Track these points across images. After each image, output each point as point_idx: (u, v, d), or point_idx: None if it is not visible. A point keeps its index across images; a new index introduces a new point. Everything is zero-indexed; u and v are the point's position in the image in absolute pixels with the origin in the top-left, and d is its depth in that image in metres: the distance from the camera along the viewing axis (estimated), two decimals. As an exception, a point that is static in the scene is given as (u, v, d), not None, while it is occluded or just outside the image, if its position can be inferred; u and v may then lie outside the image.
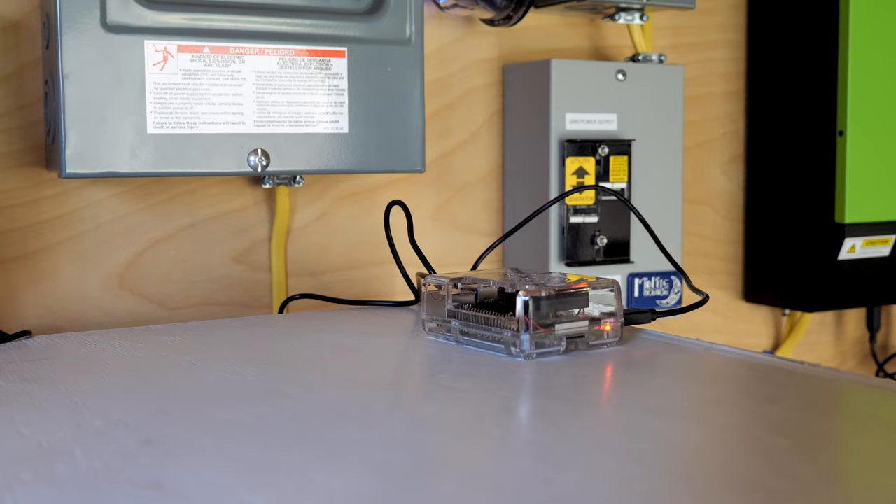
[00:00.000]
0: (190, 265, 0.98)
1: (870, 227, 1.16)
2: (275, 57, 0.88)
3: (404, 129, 0.93)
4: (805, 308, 1.21)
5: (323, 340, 0.76)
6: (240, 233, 1.00)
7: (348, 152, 0.91)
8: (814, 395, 0.58)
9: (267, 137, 0.88)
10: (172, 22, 0.84)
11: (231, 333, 0.78)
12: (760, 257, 1.25)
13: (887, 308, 1.38)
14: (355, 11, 0.92)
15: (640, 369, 0.65)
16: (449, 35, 1.09)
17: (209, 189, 0.99)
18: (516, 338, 0.66)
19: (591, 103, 1.06)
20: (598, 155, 1.05)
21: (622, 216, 1.06)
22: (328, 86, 0.90)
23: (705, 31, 1.24)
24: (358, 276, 1.06)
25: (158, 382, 0.63)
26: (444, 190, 1.09)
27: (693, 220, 1.23)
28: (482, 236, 1.12)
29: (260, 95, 0.88)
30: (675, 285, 1.10)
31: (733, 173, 1.27)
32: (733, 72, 1.26)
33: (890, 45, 1.15)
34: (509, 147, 1.11)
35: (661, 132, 1.10)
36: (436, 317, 0.73)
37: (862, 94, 1.13)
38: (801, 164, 1.18)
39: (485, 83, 1.11)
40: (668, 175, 1.11)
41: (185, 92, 0.85)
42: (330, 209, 1.04)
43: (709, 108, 1.25)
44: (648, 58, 1.10)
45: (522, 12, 1.03)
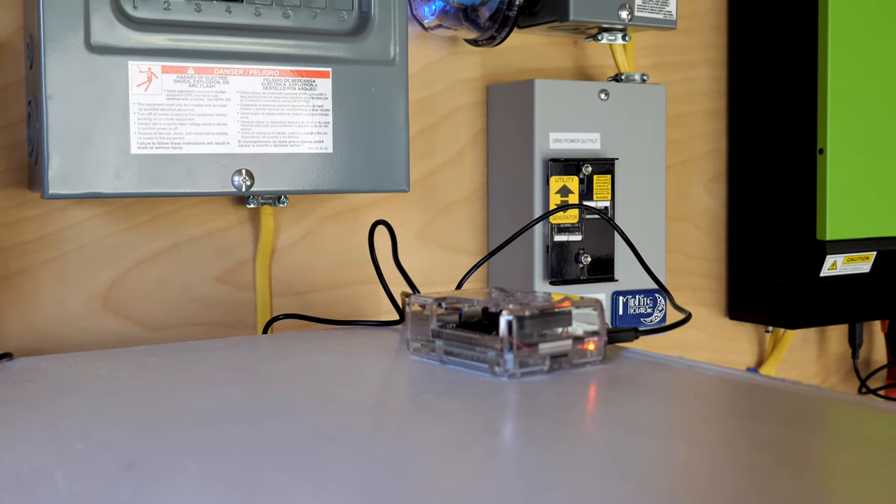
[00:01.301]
0: (173, 285, 0.98)
1: (851, 243, 1.16)
2: (259, 77, 0.89)
3: (389, 148, 0.93)
4: (787, 325, 1.22)
5: (307, 360, 0.75)
6: (224, 253, 1.00)
7: (333, 172, 0.91)
8: (796, 413, 0.58)
9: (251, 157, 0.88)
10: (156, 43, 0.85)
11: (214, 354, 0.78)
12: (743, 274, 1.26)
13: (869, 324, 1.38)
14: (339, 32, 0.92)
15: (623, 388, 0.65)
16: (433, 55, 1.09)
17: (193, 209, 0.99)
18: (500, 357, 0.66)
19: (574, 122, 1.06)
20: (582, 174, 1.05)
21: (606, 234, 1.07)
22: (312, 106, 0.90)
23: (687, 51, 1.24)
24: (343, 295, 1.06)
25: (141, 404, 0.62)
26: (429, 209, 1.10)
27: (676, 237, 1.24)
28: (467, 255, 1.12)
29: (244, 116, 0.88)
30: (658, 303, 1.10)
31: (716, 191, 1.28)
32: (715, 90, 1.27)
33: (869, 63, 1.17)
34: (493, 166, 1.12)
35: (644, 151, 1.10)
36: (420, 336, 0.73)
37: (842, 112, 1.14)
38: (783, 182, 1.19)
39: (469, 103, 1.11)
40: (651, 193, 1.11)
41: (170, 112, 0.85)
42: (315, 228, 1.04)
43: (691, 127, 1.25)
44: (631, 77, 1.11)
45: (506, 33, 1.03)
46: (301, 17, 0.91)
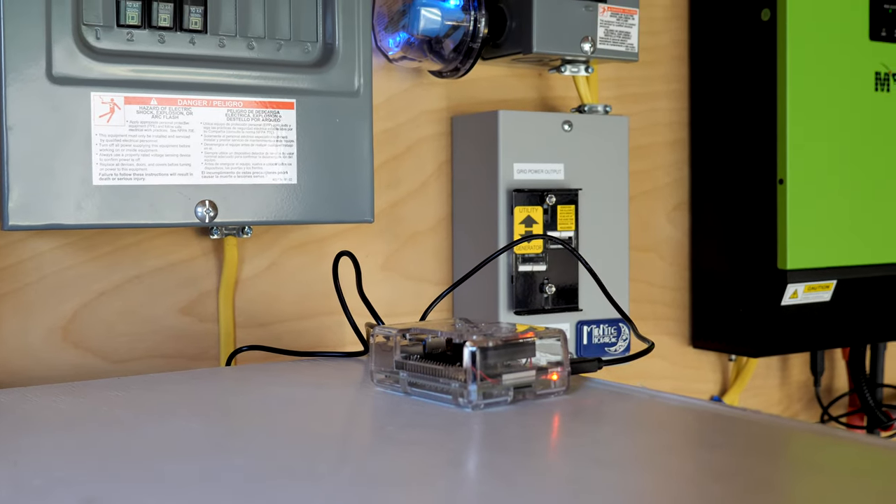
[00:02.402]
0: (136, 317, 0.98)
1: (811, 272, 1.18)
2: (223, 108, 0.89)
3: (353, 179, 0.94)
4: (750, 353, 1.23)
5: (270, 393, 0.75)
6: (187, 284, 1.00)
7: (297, 203, 0.91)
8: (757, 442, 0.59)
9: (215, 189, 0.88)
10: (119, 74, 0.84)
11: (177, 387, 0.78)
12: (706, 303, 1.27)
13: (830, 352, 1.40)
14: (304, 63, 0.93)
15: (586, 418, 0.65)
16: (398, 86, 1.10)
17: (156, 240, 0.98)
18: (464, 388, 0.66)
19: (538, 153, 1.07)
20: (546, 204, 1.06)
21: (570, 265, 1.07)
22: (277, 137, 0.90)
23: (649, 83, 1.26)
24: (308, 326, 1.06)
25: (101, 439, 0.62)
26: (394, 239, 1.10)
27: (640, 267, 1.25)
28: (432, 285, 1.12)
29: (208, 147, 0.88)
30: (623, 332, 1.10)
31: (678, 221, 1.29)
32: (677, 122, 1.28)
33: (827, 94, 1.18)
34: (458, 196, 1.12)
35: (607, 181, 1.11)
36: (384, 368, 0.73)
37: (801, 143, 1.16)
38: (744, 212, 1.20)
39: (434, 133, 1.12)
40: (614, 223, 1.12)
41: (132, 143, 0.85)
42: (279, 259, 1.04)
43: (654, 157, 1.27)
44: (594, 109, 1.12)
45: (470, 64, 1.04)
46: (265, 48, 0.91)
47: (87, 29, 0.84)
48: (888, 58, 1.23)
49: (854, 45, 1.21)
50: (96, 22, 0.84)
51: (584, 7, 1.05)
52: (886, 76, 1.23)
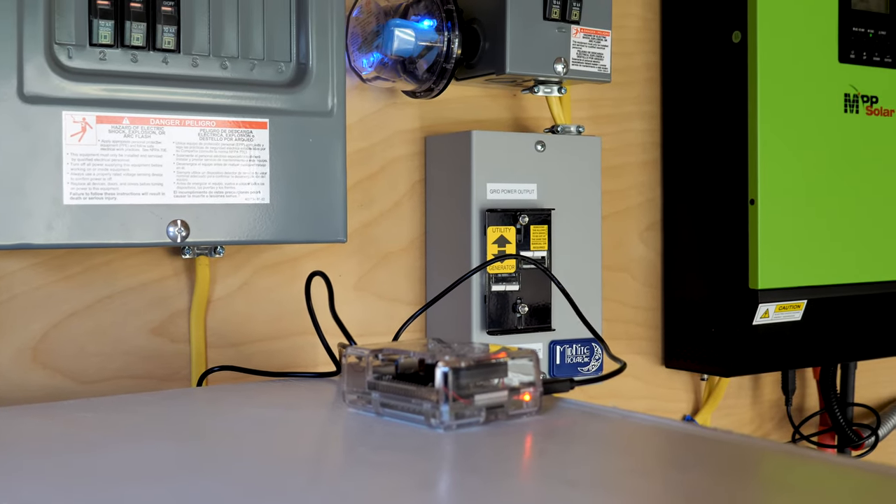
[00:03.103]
0: (107, 338, 0.97)
1: (782, 292, 1.18)
2: (196, 128, 0.88)
3: (326, 199, 0.94)
4: (722, 373, 1.23)
5: (242, 414, 0.75)
6: (159, 304, 0.99)
7: (269, 223, 0.91)
8: (727, 462, 0.59)
9: (187, 208, 0.88)
10: (91, 93, 0.84)
11: (147, 408, 0.77)
12: (678, 323, 1.27)
13: (801, 371, 1.41)
14: (277, 83, 0.93)
15: (558, 439, 0.65)
16: (371, 106, 1.10)
17: (127, 260, 0.98)
18: (436, 409, 0.66)
19: (511, 173, 1.07)
20: (519, 224, 1.06)
21: (543, 284, 1.07)
22: (250, 156, 0.90)
23: (622, 103, 1.27)
24: (280, 346, 1.05)
25: (70, 461, 0.61)
26: (367, 259, 1.10)
27: (613, 286, 1.25)
28: (405, 305, 1.12)
29: (180, 166, 0.88)
30: (595, 352, 1.11)
31: (651, 241, 1.30)
32: (649, 142, 1.29)
33: (797, 116, 1.20)
34: (431, 216, 1.12)
35: (580, 201, 1.12)
36: (356, 388, 0.73)
37: (771, 164, 1.17)
38: (716, 232, 1.21)
39: (407, 153, 1.12)
40: (587, 243, 1.12)
41: (104, 163, 0.85)
42: (251, 279, 1.03)
43: (626, 178, 1.27)
44: (567, 129, 1.12)
45: (443, 85, 1.04)
46: (239, 68, 0.91)
47: (59, 48, 0.84)
48: (857, 80, 1.25)
49: (823, 68, 1.22)
50: (68, 41, 0.84)
51: (557, 28, 1.05)
52: (855, 98, 1.25)
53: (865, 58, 1.26)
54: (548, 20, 1.05)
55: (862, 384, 1.44)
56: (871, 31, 1.26)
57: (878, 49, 1.27)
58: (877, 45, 1.26)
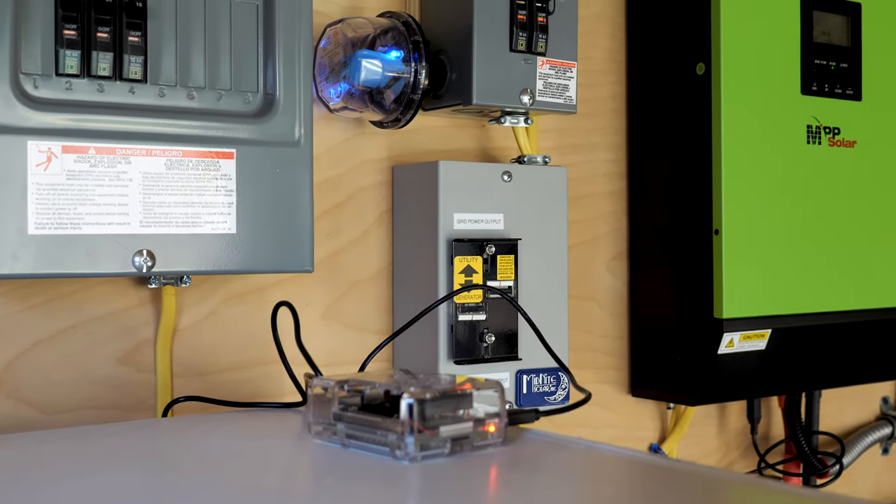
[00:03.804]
0: (72, 367, 0.96)
1: (746, 321, 1.20)
2: (162, 158, 0.88)
3: (293, 229, 0.94)
4: (688, 401, 1.24)
5: (207, 445, 0.74)
6: (125, 333, 0.99)
7: (236, 252, 0.91)
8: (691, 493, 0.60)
9: (153, 238, 0.87)
10: (57, 123, 0.84)
11: (112, 439, 0.77)
12: (645, 352, 1.28)
13: (767, 400, 1.42)
14: (245, 113, 0.93)
15: (523, 470, 0.66)
16: (339, 136, 1.10)
17: (93, 289, 0.97)
18: (401, 441, 0.66)
19: (478, 203, 1.08)
20: (486, 254, 1.07)
21: (510, 314, 1.08)
22: (216, 186, 0.90)
23: (588, 134, 1.28)
24: (247, 376, 1.05)
25: (35, 493, 0.61)
26: (335, 288, 1.10)
27: (579, 316, 1.26)
28: (373, 334, 1.12)
29: (146, 196, 0.87)
30: (562, 381, 1.11)
31: (617, 270, 1.30)
32: (615, 172, 1.30)
33: (761, 146, 1.21)
34: (399, 246, 1.12)
35: (546, 231, 1.12)
36: (322, 420, 0.73)
37: (736, 194, 1.18)
38: (681, 262, 1.22)
39: (375, 183, 1.12)
40: (554, 272, 1.13)
41: (69, 192, 0.84)
42: (218, 308, 1.03)
43: (593, 207, 1.28)
44: (533, 159, 1.13)
45: (411, 115, 1.05)
46: (206, 98, 0.91)
47: (25, 77, 0.84)
48: (819, 112, 1.27)
49: (786, 100, 1.24)
50: (35, 71, 0.84)
51: (524, 60, 1.06)
52: (818, 129, 1.27)
53: (827, 90, 1.28)
54: (514, 52, 1.06)
55: (826, 413, 1.46)
56: (832, 64, 1.28)
57: (840, 81, 1.29)
58: (838, 78, 1.29)
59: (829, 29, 1.28)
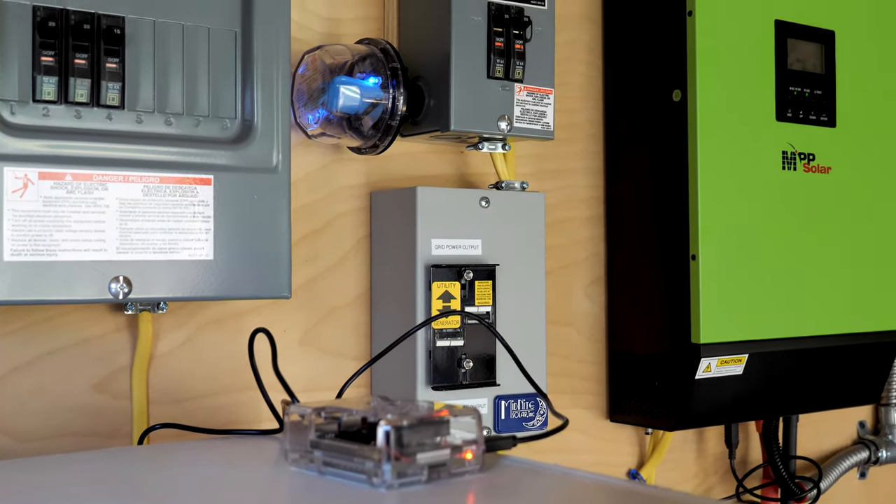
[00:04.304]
0: (48, 394, 0.95)
1: (723, 346, 1.20)
2: (139, 184, 0.88)
3: (270, 255, 0.94)
4: (666, 427, 1.24)
5: (182, 472, 0.74)
6: (101, 360, 0.98)
7: (213, 279, 0.91)
8: (667, 520, 0.60)
9: (129, 264, 0.87)
10: (34, 149, 0.84)
11: (87, 467, 0.76)
12: (623, 377, 1.28)
13: (745, 425, 1.42)
14: (222, 140, 0.93)
15: (500, 497, 0.65)
16: (317, 162, 1.10)
17: (69, 316, 0.96)
18: (378, 468, 0.66)
19: (456, 229, 1.08)
20: (464, 279, 1.07)
21: (488, 340, 1.08)
22: (193, 213, 0.90)
23: (566, 159, 1.29)
24: (224, 402, 1.04)
25: (5, 523, 0.60)
26: (313, 314, 1.10)
27: (557, 341, 1.26)
28: (351, 360, 1.12)
29: (123, 222, 0.87)
30: (540, 407, 1.11)
31: (595, 295, 1.31)
32: (593, 197, 1.31)
33: (737, 172, 1.22)
34: (377, 271, 1.12)
35: (524, 256, 1.13)
36: (299, 447, 0.72)
37: (712, 220, 1.19)
38: (658, 287, 1.23)
39: (353, 208, 1.12)
40: (532, 298, 1.13)
41: (45, 219, 0.84)
42: (195, 335, 1.03)
43: (571, 233, 1.29)
44: (511, 185, 1.14)
45: (389, 141, 1.05)
46: (184, 124, 0.91)
47: (2, 104, 0.83)
48: (794, 138, 1.28)
49: (761, 126, 1.25)
50: (11, 97, 0.84)
51: (501, 87, 1.07)
52: (793, 155, 1.28)
53: (802, 116, 1.29)
54: (492, 78, 1.06)
55: (804, 437, 1.46)
56: (807, 91, 1.29)
57: (815, 108, 1.30)
58: (813, 104, 1.30)
59: (803, 56, 1.29)
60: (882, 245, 1.37)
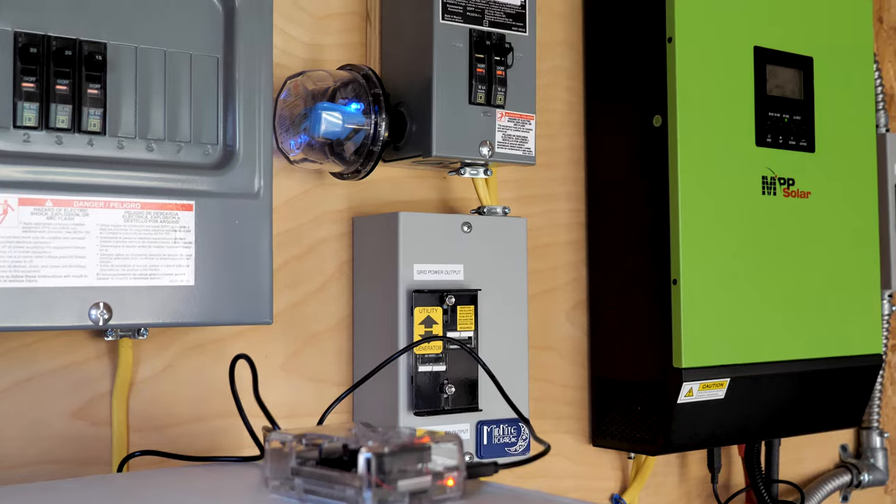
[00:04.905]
0: (26, 421, 0.95)
1: (705, 371, 1.20)
2: (120, 210, 0.88)
3: (252, 281, 0.93)
4: (649, 451, 1.24)
5: (163, 500, 0.73)
6: (80, 387, 0.97)
7: (194, 305, 0.91)
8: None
9: (110, 291, 0.87)
10: (14, 175, 0.83)
11: (66, 494, 0.75)
12: (605, 401, 1.28)
13: (727, 448, 1.42)
14: (204, 165, 0.93)
15: (482, 524, 0.65)
16: (299, 187, 1.10)
17: (49, 342, 0.96)
18: (359, 496, 0.65)
19: (438, 254, 1.08)
20: (446, 304, 1.07)
21: (470, 365, 1.08)
22: (175, 238, 0.90)
23: (547, 184, 1.29)
24: (205, 428, 1.04)
25: (-18, 554, 0.59)
26: (294, 339, 1.09)
27: (540, 365, 1.26)
28: (333, 386, 1.11)
29: (104, 248, 0.87)
30: (523, 432, 1.11)
31: (577, 320, 1.31)
32: (575, 222, 1.31)
33: (717, 197, 1.23)
34: (359, 297, 1.12)
35: (506, 281, 1.13)
36: (280, 474, 0.72)
37: (693, 244, 1.20)
38: (640, 311, 1.23)
39: (335, 234, 1.12)
40: (514, 323, 1.13)
41: (25, 245, 0.84)
42: (176, 361, 1.02)
43: (553, 258, 1.29)
44: (493, 210, 1.14)
45: (371, 167, 1.05)
46: (165, 150, 0.91)
47: (-19, 130, 0.83)
48: (773, 163, 1.29)
49: (741, 151, 1.26)
50: (-9, 123, 0.84)
51: (483, 112, 1.07)
52: (773, 180, 1.29)
53: (781, 142, 1.30)
54: (473, 104, 1.07)
55: (786, 461, 1.46)
56: (786, 116, 1.31)
57: (794, 133, 1.31)
58: (792, 130, 1.31)
59: (782, 82, 1.30)
60: (862, 269, 1.38)
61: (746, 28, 1.27)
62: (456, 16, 1.06)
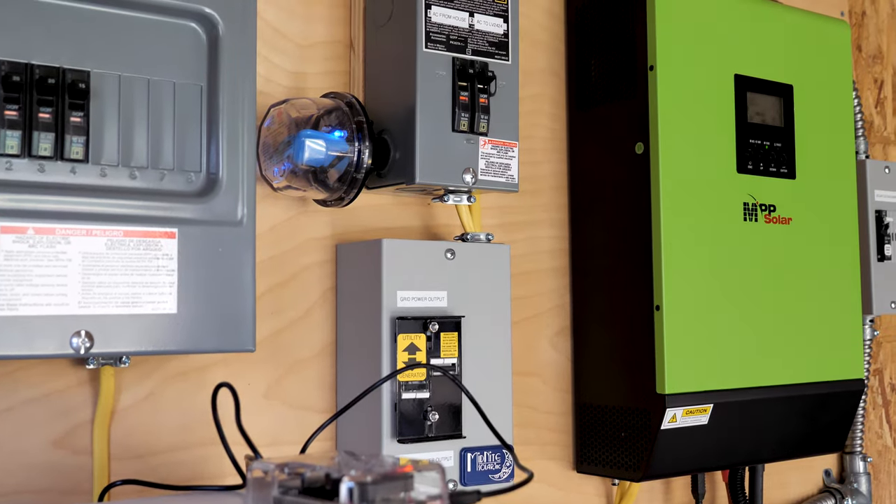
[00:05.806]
0: (5, 451, 0.94)
1: (689, 396, 1.21)
2: (103, 238, 0.88)
3: (235, 309, 0.93)
4: (632, 477, 1.24)
5: (144, 531, 0.73)
6: (61, 415, 0.97)
7: (176, 333, 0.90)
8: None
9: (92, 319, 0.86)
10: (-5, 203, 0.83)
11: (46, 526, 0.75)
12: (589, 428, 1.28)
13: (711, 474, 1.42)
14: (187, 193, 0.93)
15: (465, 553, 0.65)
16: (282, 214, 1.10)
17: (29, 370, 0.95)
18: (341, 525, 0.65)
19: (421, 281, 1.08)
20: (429, 331, 1.07)
21: (453, 392, 1.08)
22: (157, 266, 0.90)
23: (531, 211, 1.29)
24: (187, 457, 1.03)
25: (-40, 586, 0.59)
26: (277, 367, 1.09)
27: (524, 392, 1.26)
28: (316, 413, 1.11)
29: (86, 276, 0.87)
30: (506, 459, 1.11)
31: (561, 346, 1.31)
32: (558, 249, 1.32)
33: (699, 224, 1.24)
34: (342, 324, 1.12)
35: (489, 308, 1.13)
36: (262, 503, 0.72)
37: (676, 270, 1.20)
38: (623, 337, 1.23)
39: (318, 261, 1.12)
40: (497, 349, 1.13)
41: (6, 273, 0.83)
42: (157, 389, 1.02)
43: (536, 284, 1.29)
44: (476, 237, 1.14)
45: (354, 194, 1.06)
46: (148, 177, 0.91)
47: (-37, 158, 0.83)
48: (755, 190, 1.30)
49: (723, 178, 1.27)
50: (-26, 151, 0.84)
51: (466, 140, 1.08)
52: (754, 206, 1.30)
53: (762, 168, 1.31)
54: (456, 132, 1.07)
55: (770, 486, 1.47)
56: (766, 143, 1.32)
57: (775, 160, 1.32)
58: (773, 157, 1.32)
59: (762, 109, 1.32)
60: (843, 294, 1.38)
61: (727, 56, 1.28)
62: (439, 44, 1.07)
